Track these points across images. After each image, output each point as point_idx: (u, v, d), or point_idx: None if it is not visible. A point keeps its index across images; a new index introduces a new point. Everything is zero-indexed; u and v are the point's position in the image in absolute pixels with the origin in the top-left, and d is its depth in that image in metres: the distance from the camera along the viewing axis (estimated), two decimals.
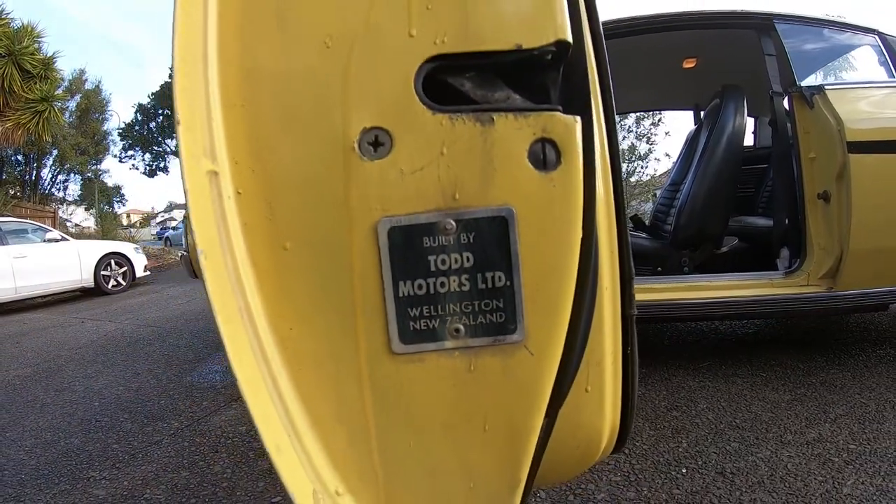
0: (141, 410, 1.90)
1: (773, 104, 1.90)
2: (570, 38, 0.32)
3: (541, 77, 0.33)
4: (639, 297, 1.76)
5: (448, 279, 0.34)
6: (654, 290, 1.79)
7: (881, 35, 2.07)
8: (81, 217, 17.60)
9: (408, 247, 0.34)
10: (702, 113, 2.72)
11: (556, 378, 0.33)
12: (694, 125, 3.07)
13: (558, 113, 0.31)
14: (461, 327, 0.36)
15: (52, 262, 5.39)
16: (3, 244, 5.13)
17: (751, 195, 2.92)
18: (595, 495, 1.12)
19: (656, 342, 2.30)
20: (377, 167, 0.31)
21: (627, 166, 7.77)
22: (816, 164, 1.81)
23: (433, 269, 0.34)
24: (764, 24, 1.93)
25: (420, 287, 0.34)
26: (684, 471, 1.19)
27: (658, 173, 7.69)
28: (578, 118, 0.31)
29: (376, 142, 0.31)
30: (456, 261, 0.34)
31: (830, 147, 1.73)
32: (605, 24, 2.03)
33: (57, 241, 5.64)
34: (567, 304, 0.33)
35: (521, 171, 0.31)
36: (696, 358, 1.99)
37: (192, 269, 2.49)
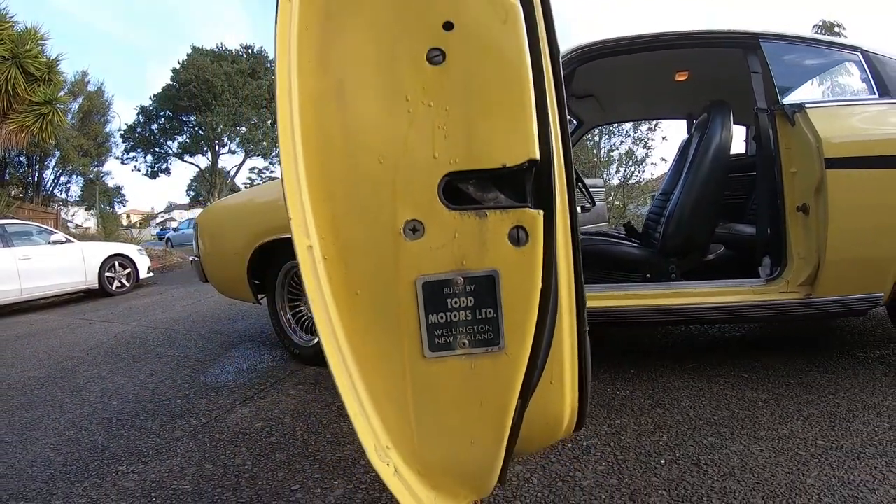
0: (159, 409, 1.91)
1: (758, 120, 2.02)
2: (538, 157, 0.50)
3: (520, 181, 0.51)
4: (628, 303, 1.92)
5: (459, 312, 0.55)
6: (643, 297, 1.92)
7: (864, 52, 2.14)
8: (82, 218, 17.33)
9: (434, 293, 0.54)
10: (694, 122, 2.82)
11: (527, 373, 0.52)
12: (687, 133, 3.16)
13: (528, 208, 0.50)
14: (466, 341, 0.56)
15: (57, 263, 5.30)
16: (9, 246, 5.06)
17: (741, 202, 3.01)
18: (581, 482, 1.21)
19: (646, 345, 2.35)
20: (415, 245, 0.51)
21: (624, 170, 7.89)
22: (797, 178, 1.89)
23: (449, 306, 0.54)
24: (750, 43, 2.03)
25: (442, 317, 0.55)
26: (663, 461, 1.27)
27: (655, 176, 7.77)
28: (541, 211, 0.50)
29: (414, 229, 0.51)
30: (463, 302, 0.54)
31: (809, 162, 1.80)
32: (605, 42, 2.14)
33: (61, 242, 5.54)
34: (531, 327, 0.52)
35: (503, 247, 0.50)
36: (684, 359, 2.06)
37: (203, 274, 2.71)
